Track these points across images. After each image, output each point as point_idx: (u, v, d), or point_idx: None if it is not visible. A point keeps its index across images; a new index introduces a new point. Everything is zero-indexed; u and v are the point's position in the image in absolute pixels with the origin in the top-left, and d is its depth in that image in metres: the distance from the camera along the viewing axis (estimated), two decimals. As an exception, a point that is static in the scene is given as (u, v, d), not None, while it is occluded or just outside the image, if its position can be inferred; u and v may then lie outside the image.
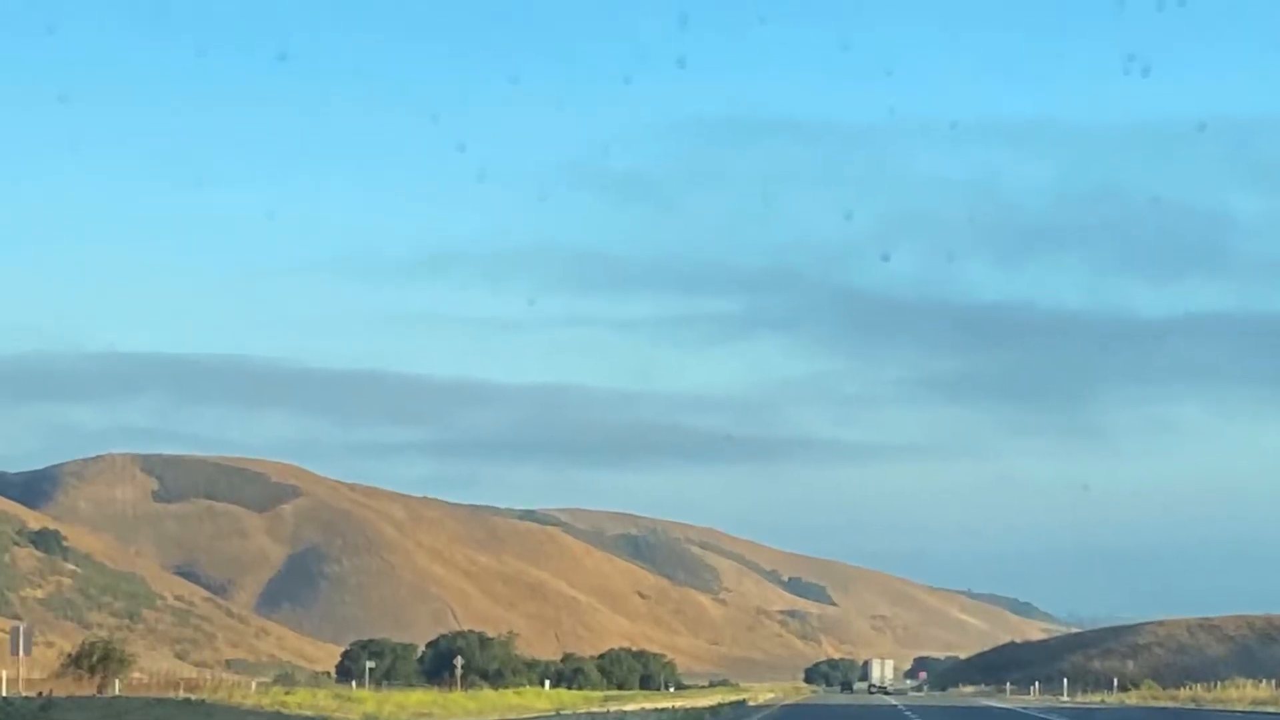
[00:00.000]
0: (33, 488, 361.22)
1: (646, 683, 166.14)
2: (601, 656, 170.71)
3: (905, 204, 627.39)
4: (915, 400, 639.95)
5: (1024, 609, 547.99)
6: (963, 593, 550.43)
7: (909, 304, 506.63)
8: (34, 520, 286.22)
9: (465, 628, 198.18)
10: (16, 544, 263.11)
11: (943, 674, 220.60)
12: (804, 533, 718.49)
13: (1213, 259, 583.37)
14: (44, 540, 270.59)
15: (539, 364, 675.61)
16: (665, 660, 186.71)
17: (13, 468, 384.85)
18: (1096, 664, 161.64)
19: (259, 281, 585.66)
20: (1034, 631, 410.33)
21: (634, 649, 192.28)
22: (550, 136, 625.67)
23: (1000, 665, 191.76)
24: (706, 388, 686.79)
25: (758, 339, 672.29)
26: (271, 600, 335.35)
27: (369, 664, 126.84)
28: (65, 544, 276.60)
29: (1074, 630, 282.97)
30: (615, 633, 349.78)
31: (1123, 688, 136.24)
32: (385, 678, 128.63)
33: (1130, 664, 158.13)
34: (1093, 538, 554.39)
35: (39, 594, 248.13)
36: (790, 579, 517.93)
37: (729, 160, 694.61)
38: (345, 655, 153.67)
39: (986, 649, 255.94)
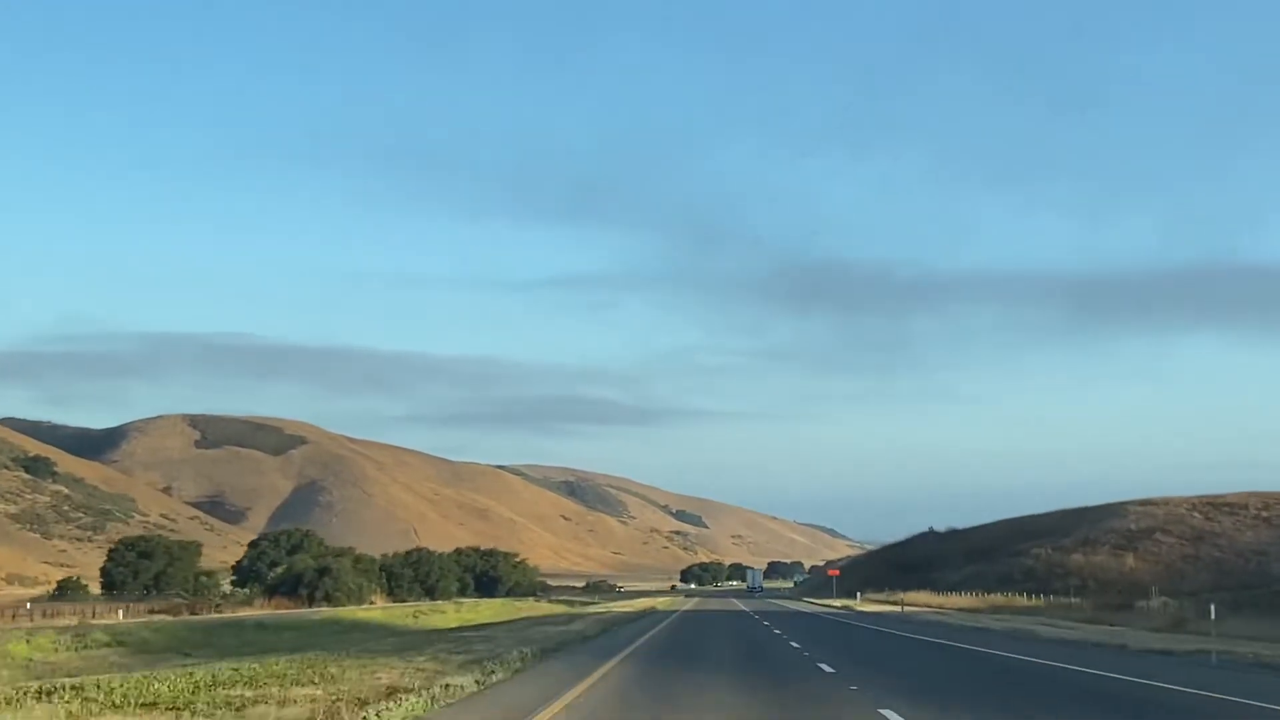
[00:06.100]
0: (104, 441, 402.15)
1: (488, 585, 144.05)
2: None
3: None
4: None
5: (831, 533, 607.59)
6: (791, 520, 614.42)
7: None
8: (88, 471, 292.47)
9: (424, 543, 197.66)
10: (7, 468, 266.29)
11: (842, 573, 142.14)
12: (687, 479, 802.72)
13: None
14: (35, 466, 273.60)
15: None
16: (516, 561, 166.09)
17: (96, 425, 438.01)
18: (1077, 558, 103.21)
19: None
20: (844, 550, 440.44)
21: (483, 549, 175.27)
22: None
23: (913, 565, 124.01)
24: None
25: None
26: (277, 522, 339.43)
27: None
28: (55, 470, 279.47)
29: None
30: (543, 546, 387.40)
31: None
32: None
33: (1130, 559, 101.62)
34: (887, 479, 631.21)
35: (11, 509, 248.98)
36: (677, 510, 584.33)
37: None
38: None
39: (901, 539, 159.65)
